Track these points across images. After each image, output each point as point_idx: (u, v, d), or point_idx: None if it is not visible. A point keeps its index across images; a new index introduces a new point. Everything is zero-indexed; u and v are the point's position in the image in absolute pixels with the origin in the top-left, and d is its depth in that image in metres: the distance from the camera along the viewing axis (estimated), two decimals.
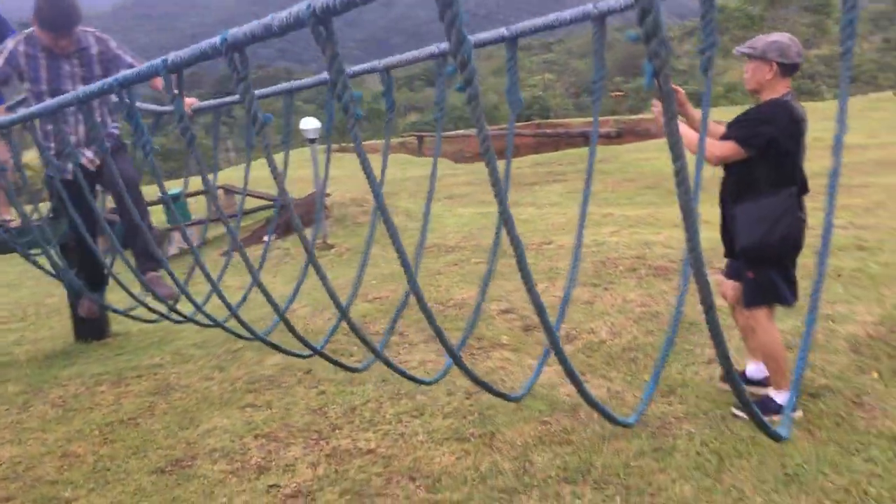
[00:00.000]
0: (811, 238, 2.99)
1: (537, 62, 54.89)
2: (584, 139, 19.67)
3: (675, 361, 4.34)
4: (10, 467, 4.05)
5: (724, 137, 3.52)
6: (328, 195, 10.80)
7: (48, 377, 5.41)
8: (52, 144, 3.93)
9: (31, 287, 9.65)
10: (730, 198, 3.59)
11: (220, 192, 12.39)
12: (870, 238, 6.32)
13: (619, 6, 1.98)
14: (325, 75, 3.08)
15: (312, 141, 9.50)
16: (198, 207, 13.44)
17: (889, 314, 4.71)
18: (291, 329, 2.19)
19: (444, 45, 2.51)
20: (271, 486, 3.53)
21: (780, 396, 3.60)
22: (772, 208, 3.42)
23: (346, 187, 12.98)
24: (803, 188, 3.51)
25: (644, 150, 14.38)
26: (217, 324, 3.07)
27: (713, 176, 3.39)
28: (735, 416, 3.64)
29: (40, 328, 7.35)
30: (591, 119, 2.07)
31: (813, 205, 7.61)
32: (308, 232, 8.63)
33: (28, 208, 4.59)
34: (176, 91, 1.79)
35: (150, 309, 3.69)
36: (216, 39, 1.53)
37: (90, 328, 6.29)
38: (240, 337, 3.21)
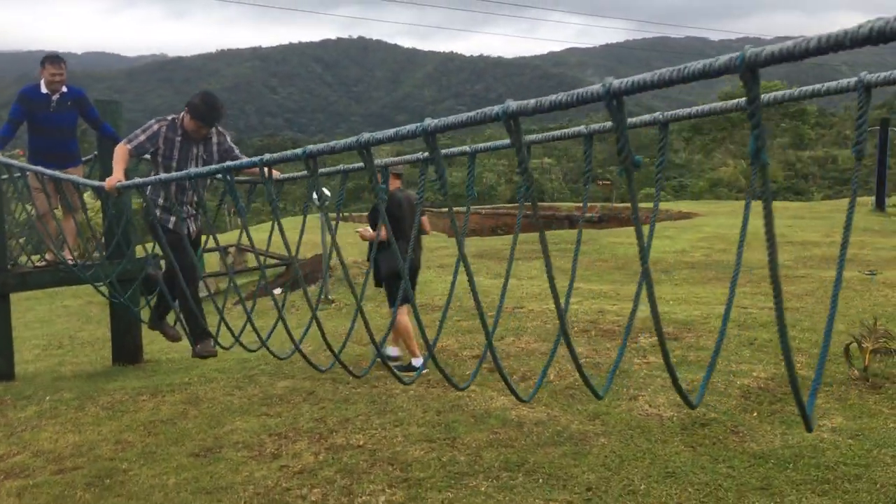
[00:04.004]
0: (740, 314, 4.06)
1: (539, 146, 56.85)
2: (568, 221, 21.10)
3: (605, 397, 5.49)
4: (75, 448, 5.16)
5: (375, 225, 6.21)
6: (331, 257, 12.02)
7: (96, 388, 6.54)
8: (162, 201, 4.97)
9: (62, 323, 10.82)
10: (376, 248, 5.29)
11: (233, 249, 13.63)
12: (788, 318, 7.52)
13: (603, 129, 3.04)
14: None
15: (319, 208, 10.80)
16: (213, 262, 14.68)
17: (781, 374, 5.87)
18: (381, 354, 3.38)
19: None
20: (283, 467, 4.65)
21: (416, 361, 6.32)
22: (394, 252, 5.19)
23: (347, 252, 14.23)
24: (407, 241, 5.10)
25: (621, 235, 15.70)
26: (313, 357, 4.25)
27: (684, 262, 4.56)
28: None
29: (78, 354, 8.50)
30: (579, 204, 2.98)
31: (763, 290, 8.79)
32: (312, 288, 9.78)
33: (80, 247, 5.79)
34: (267, 177, 3.03)
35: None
36: (300, 151, 2.77)
37: (127, 353, 7.43)
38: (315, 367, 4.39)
